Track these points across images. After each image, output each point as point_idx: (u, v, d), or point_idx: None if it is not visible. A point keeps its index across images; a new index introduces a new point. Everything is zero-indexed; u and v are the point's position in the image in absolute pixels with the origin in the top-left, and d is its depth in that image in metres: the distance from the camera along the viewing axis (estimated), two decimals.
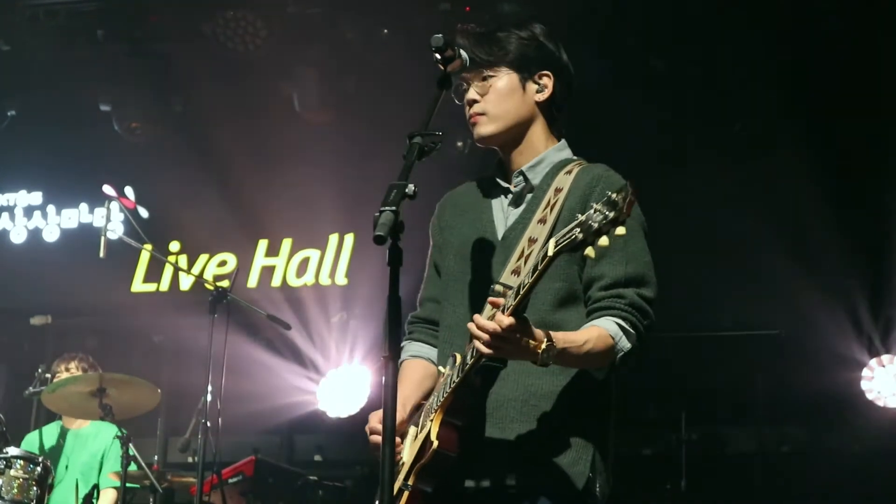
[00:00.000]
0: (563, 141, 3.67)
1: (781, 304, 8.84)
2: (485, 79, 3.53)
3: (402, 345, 3.72)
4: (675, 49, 8.94)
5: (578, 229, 2.89)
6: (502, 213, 3.58)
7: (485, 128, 3.55)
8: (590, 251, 2.89)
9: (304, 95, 9.75)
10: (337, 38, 9.39)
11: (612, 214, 2.83)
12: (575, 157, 3.63)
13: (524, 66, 3.56)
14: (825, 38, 8.54)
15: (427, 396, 3.52)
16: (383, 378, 3.01)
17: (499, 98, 3.54)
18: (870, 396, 8.92)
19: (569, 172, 3.49)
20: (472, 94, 3.55)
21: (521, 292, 3.04)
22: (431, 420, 3.31)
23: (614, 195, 2.85)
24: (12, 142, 10.44)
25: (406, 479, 3.31)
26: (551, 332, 3.12)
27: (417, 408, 3.52)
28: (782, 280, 8.79)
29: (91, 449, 7.76)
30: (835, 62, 8.58)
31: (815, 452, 9.29)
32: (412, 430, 3.46)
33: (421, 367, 3.67)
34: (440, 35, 3.31)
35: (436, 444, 3.24)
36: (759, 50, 8.53)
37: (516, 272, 3.32)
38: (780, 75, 8.58)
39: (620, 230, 2.85)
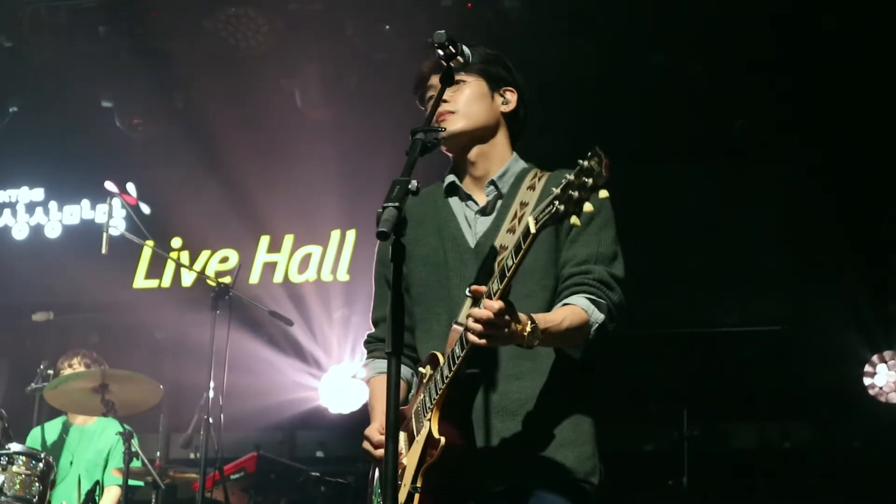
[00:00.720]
0: (515, 154, 3.76)
1: (784, 301, 8.85)
2: (455, 83, 3.60)
3: (364, 363, 3.84)
4: (675, 45, 8.93)
5: (557, 201, 2.95)
6: (467, 221, 3.66)
7: (454, 124, 3.64)
8: (575, 220, 2.95)
9: (305, 92, 9.74)
10: (339, 35, 9.38)
11: (590, 181, 2.89)
12: (530, 165, 3.73)
13: (492, 77, 3.71)
14: (826, 32, 8.54)
15: (403, 404, 3.57)
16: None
17: (469, 100, 3.67)
18: (872, 392, 8.92)
19: (531, 188, 3.57)
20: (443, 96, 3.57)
21: (508, 274, 3.11)
22: (428, 420, 3.36)
23: (587, 162, 2.91)
24: (14, 138, 10.43)
25: (413, 481, 3.35)
26: (532, 314, 3.19)
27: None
28: (784, 276, 8.79)
29: (97, 445, 7.76)
30: (836, 57, 8.58)
31: (817, 448, 9.29)
32: (402, 436, 3.48)
33: None
34: (442, 31, 3.34)
35: (443, 440, 3.29)
36: (759, 46, 8.52)
37: (490, 275, 3.36)
38: (781, 71, 8.57)
39: (603, 193, 2.90)
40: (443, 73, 3.41)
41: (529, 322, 3.15)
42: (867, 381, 8.94)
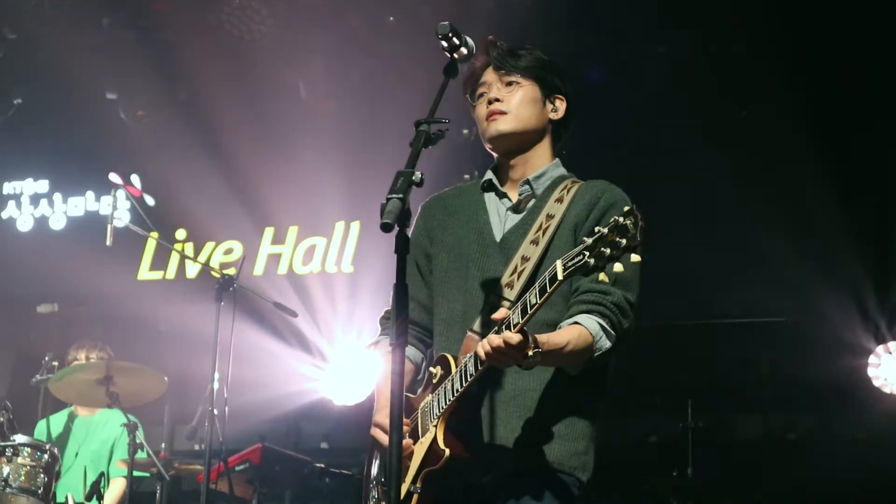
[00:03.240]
0: (557, 159, 3.79)
1: (788, 292, 8.84)
2: (509, 84, 3.66)
3: (377, 339, 3.85)
4: (682, 35, 8.92)
5: (588, 253, 2.98)
6: (498, 216, 3.69)
7: (505, 124, 3.66)
8: (604, 277, 3.00)
9: (309, 83, 9.75)
10: (343, 26, 9.38)
11: (623, 241, 2.94)
12: (569, 174, 3.75)
13: (546, 83, 3.73)
14: (832, 23, 8.53)
15: (409, 389, 3.62)
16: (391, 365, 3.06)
17: (522, 102, 3.68)
18: (876, 383, 8.91)
19: (559, 200, 3.59)
20: (495, 92, 3.66)
21: (530, 312, 3.13)
22: (435, 427, 3.41)
23: (623, 219, 2.95)
24: (19, 130, 10.44)
25: (414, 482, 3.42)
26: (537, 337, 3.21)
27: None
28: (789, 267, 8.78)
29: (101, 437, 7.78)
30: (843, 49, 8.57)
31: (821, 439, 9.29)
32: (405, 426, 3.50)
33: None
34: (446, 23, 3.35)
35: (447, 452, 3.36)
36: (766, 35, 8.51)
37: (510, 286, 3.46)
38: (788, 61, 8.56)
39: (635, 258, 2.96)
40: (446, 65, 3.41)
41: (533, 347, 3.17)
42: (872, 372, 8.93)
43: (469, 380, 3.31)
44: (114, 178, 9.47)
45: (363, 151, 9.42)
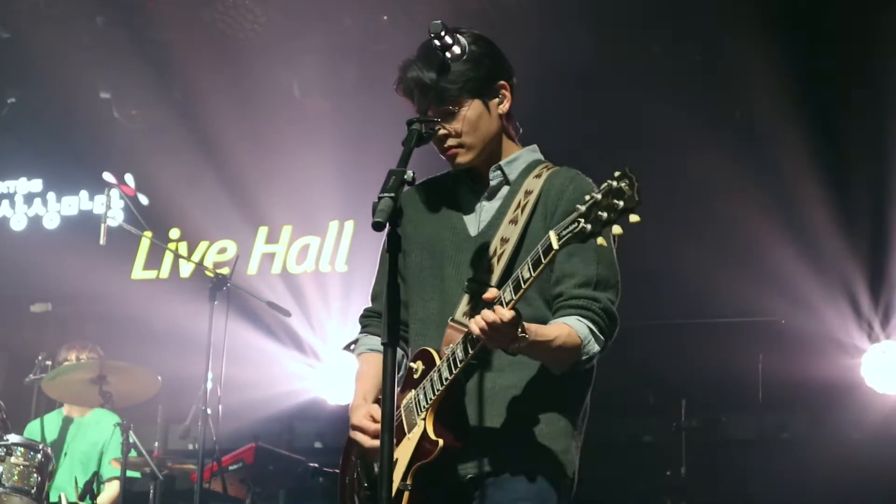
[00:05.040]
0: (534, 145, 3.71)
1: (781, 291, 8.84)
2: (451, 113, 3.52)
3: (357, 338, 3.85)
4: (676, 35, 8.93)
5: (583, 220, 2.94)
6: (472, 209, 3.63)
7: (465, 157, 3.57)
8: (602, 241, 2.95)
9: (303, 82, 9.75)
10: (337, 25, 9.38)
11: (621, 203, 2.90)
12: (544, 160, 3.68)
13: (483, 88, 3.56)
14: (825, 23, 8.55)
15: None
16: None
17: (471, 128, 3.54)
18: (870, 383, 8.92)
19: (538, 176, 3.55)
20: (442, 131, 3.51)
21: (524, 286, 3.10)
22: (423, 419, 3.38)
23: (616, 183, 2.91)
24: (13, 129, 10.44)
25: (404, 479, 3.38)
26: (526, 325, 3.17)
27: (376, 401, 3.54)
28: (782, 266, 8.78)
29: (92, 438, 7.77)
30: (835, 47, 8.58)
31: (815, 439, 9.28)
32: None
33: (379, 362, 3.68)
34: (439, 21, 3.32)
35: (441, 443, 3.32)
36: (759, 35, 8.51)
37: (489, 270, 3.41)
38: (781, 61, 8.56)
39: (634, 218, 2.91)
40: (438, 65, 3.39)
41: (521, 332, 3.14)
42: (865, 371, 8.93)
43: (459, 366, 3.28)
44: (107, 177, 9.45)
45: (357, 151, 9.42)
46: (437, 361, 3.38)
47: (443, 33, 3.30)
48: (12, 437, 6.85)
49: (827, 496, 8.47)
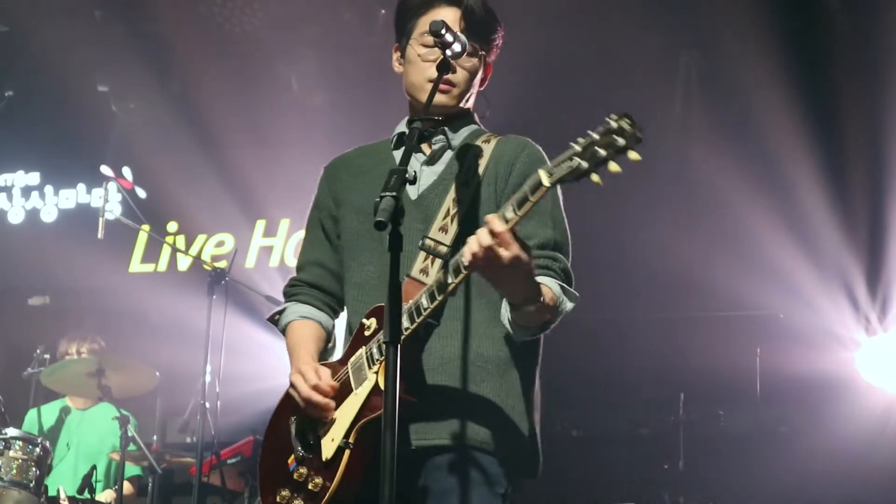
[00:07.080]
0: (476, 114, 3.67)
1: (779, 285, 8.85)
2: (472, 55, 3.50)
3: (284, 306, 3.77)
4: (674, 28, 8.93)
5: (579, 157, 2.86)
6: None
7: (452, 100, 3.53)
8: (597, 179, 2.85)
9: (301, 76, 9.74)
10: (335, 19, 9.37)
11: (621, 141, 2.84)
12: (486, 129, 3.64)
13: (491, 51, 3.60)
14: (825, 15, 8.55)
15: (321, 359, 3.53)
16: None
17: (470, 77, 3.55)
18: (866, 377, 8.93)
19: (486, 142, 3.50)
20: (454, 67, 3.46)
21: (523, 210, 2.96)
22: (375, 373, 3.23)
23: (615, 123, 2.86)
24: (10, 122, 10.42)
25: (346, 436, 3.23)
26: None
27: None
28: (780, 260, 8.80)
29: (98, 431, 7.77)
30: (834, 41, 8.58)
31: (812, 433, 9.29)
32: (328, 385, 3.36)
33: (313, 328, 3.65)
34: (440, 20, 3.30)
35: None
36: (758, 28, 8.52)
37: (444, 229, 3.31)
38: (780, 54, 8.57)
39: (634, 156, 2.85)
40: (440, 62, 3.35)
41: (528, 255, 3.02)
42: (862, 365, 8.95)
43: (423, 313, 3.15)
44: (105, 170, 9.45)
45: (354, 144, 9.39)
46: None
47: (443, 31, 3.27)
48: (11, 431, 6.86)
49: (825, 489, 8.49)
